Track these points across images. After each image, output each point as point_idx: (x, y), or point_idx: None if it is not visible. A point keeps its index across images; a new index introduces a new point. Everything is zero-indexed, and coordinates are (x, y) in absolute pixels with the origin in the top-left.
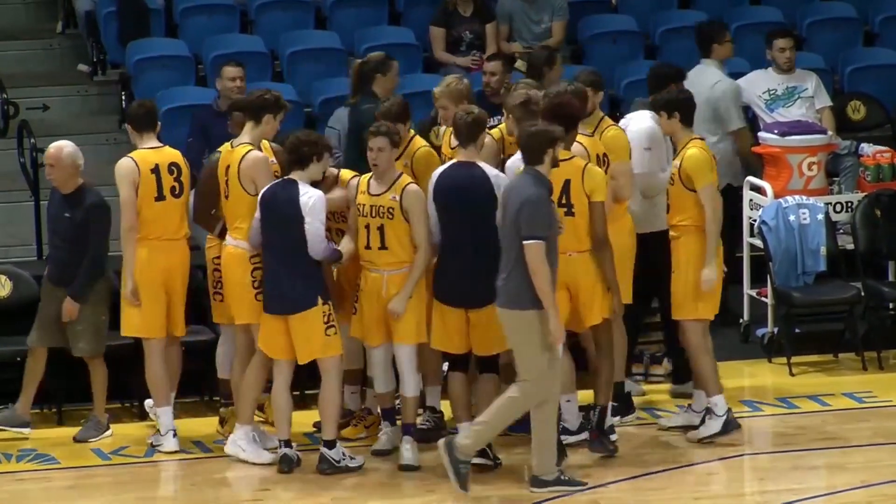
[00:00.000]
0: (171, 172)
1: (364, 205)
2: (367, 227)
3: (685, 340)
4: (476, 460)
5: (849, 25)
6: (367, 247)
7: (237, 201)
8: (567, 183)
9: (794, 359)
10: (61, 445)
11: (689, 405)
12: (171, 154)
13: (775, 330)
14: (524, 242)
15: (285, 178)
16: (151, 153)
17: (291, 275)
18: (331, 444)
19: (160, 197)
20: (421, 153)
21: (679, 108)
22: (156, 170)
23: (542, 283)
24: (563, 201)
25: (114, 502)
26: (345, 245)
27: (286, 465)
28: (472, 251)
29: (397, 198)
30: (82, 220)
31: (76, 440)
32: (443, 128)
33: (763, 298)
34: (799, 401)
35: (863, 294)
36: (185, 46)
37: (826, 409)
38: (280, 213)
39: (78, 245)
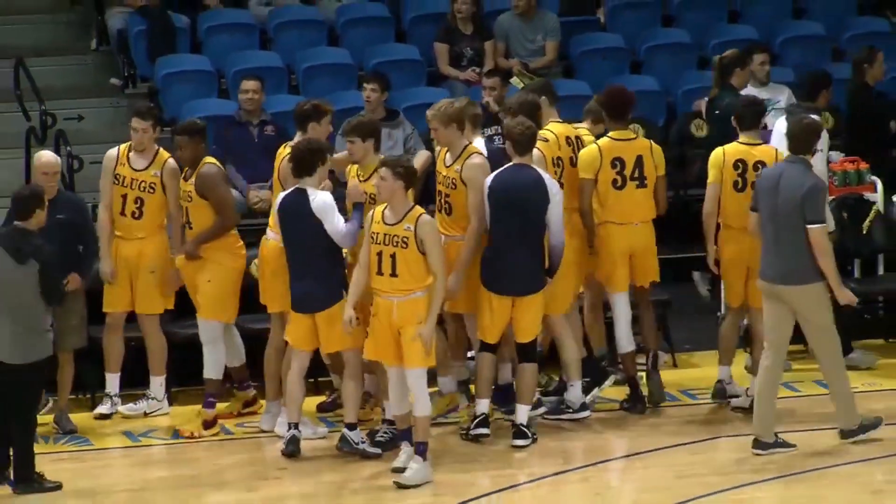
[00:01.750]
0: None
1: (378, 233)
2: (380, 254)
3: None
4: (518, 442)
5: (818, 43)
6: (379, 273)
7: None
8: (639, 158)
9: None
10: (94, 428)
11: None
12: None
13: None
14: (812, 227)
15: (296, 187)
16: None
17: (315, 275)
18: (352, 427)
19: None
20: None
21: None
22: None
23: (829, 261)
24: (636, 175)
25: (142, 480)
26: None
27: (293, 446)
28: (522, 244)
29: (411, 228)
30: (75, 221)
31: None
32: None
33: None
34: None
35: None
36: (208, 62)
37: (798, 394)
38: (297, 221)
39: (67, 245)
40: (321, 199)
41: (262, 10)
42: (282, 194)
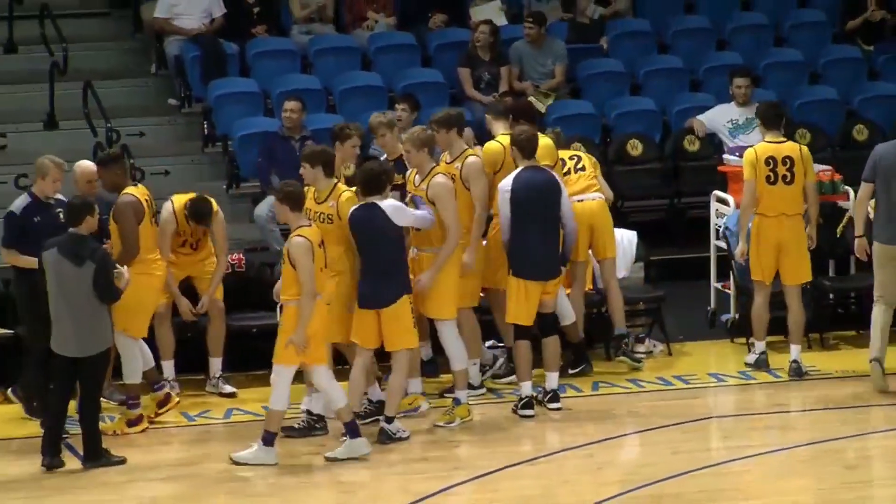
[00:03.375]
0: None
1: None
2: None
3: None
4: (555, 405)
5: (797, 68)
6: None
7: None
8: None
9: (752, 339)
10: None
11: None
12: None
13: (737, 316)
14: None
15: (367, 202)
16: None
17: (385, 276)
18: (390, 420)
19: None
20: (345, 197)
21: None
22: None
23: None
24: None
25: (198, 456)
26: None
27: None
28: (547, 235)
29: (287, 246)
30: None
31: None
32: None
33: (726, 290)
34: (756, 373)
35: (808, 286)
36: (255, 84)
37: (778, 380)
38: (372, 230)
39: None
40: (391, 206)
41: (302, 38)
42: (352, 208)
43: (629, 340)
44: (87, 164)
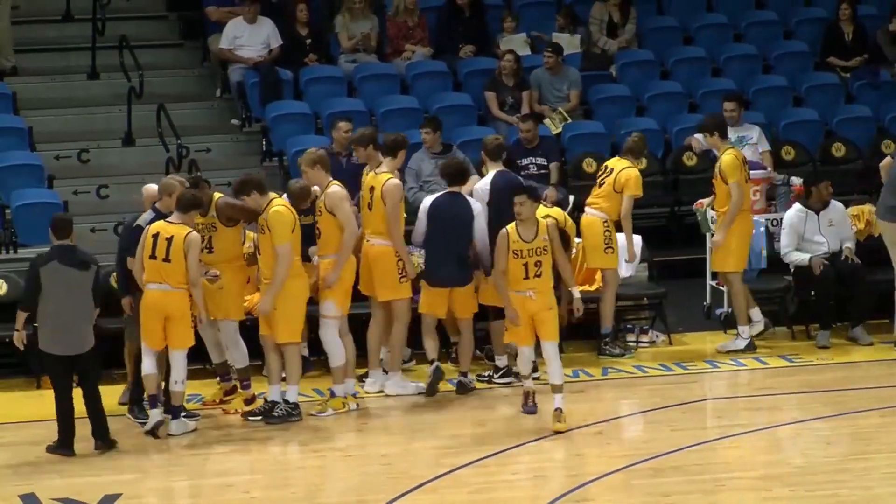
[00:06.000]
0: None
1: None
2: None
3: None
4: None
5: (782, 92)
6: None
7: (378, 213)
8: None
9: (740, 328)
10: None
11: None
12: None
13: (729, 310)
14: None
15: (450, 190)
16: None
17: (458, 260)
18: (465, 374)
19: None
20: (273, 212)
21: (718, 127)
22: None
23: None
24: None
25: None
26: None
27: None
28: None
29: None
30: None
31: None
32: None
33: (720, 287)
34: (746, 360)
35: (792, 284)
36: (307, 106)
37: (766, 366)
38: (453, 217)
39: None
40: (478, 204)
41: (349, 66)
42: (434, 195)
43: (609, 339)
44: (153, 188)
